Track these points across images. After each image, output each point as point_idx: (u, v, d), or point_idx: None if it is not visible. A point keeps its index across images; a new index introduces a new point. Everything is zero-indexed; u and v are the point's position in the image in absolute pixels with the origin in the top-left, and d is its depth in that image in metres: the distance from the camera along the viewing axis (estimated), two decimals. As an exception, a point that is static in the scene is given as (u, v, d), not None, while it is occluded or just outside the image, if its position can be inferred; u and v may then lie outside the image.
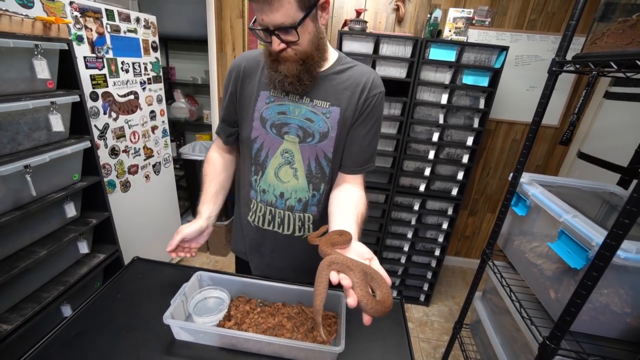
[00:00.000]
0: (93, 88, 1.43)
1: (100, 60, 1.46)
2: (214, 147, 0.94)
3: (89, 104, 1.42)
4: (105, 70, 1.49)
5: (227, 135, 0.89)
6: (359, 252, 0.56)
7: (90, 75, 1.41)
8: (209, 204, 0.86)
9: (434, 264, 2.12)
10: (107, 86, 1.51)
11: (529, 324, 0.85)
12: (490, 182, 2.48)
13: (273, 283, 0.90)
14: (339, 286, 0.48)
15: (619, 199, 1.07)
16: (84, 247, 1.33)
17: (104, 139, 1.54)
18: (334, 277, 0.48)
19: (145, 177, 1.90)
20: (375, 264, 0.52)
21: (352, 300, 0.45)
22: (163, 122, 2.02)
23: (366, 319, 0.46)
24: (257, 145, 0.82)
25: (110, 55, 1.50)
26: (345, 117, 0.77)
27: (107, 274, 1.49)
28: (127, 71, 1.63)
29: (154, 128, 1.91)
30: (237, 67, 0.82)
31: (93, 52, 1.42)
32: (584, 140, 2.13)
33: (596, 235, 0.70)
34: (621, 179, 1.24)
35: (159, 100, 1.94)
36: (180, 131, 3.04)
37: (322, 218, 0.88)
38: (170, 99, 2.77)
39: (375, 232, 2.07)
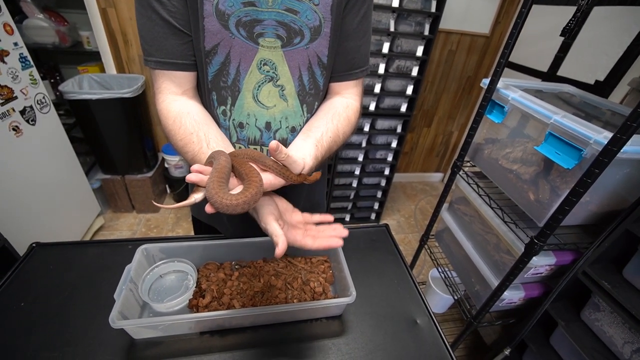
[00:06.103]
0: None
1: None
2: (164, 97, 0.57)
3: None
4: None
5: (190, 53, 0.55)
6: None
7: None
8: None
9: (383, 183, 2.17)
10: None
11: (514, 228, 0.89)
12: (428, 97, 2.50)
13: (246, 239, 0.72)
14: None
15: (569, 96, 1.11)
16: None
17: None
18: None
19: (14, 129, 1.35)
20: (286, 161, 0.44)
21: (193, 176, 0.40)
22: (16, 45, 1.38)
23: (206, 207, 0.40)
24: (220, 59, 0.55)
25: None
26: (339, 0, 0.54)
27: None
28: None
29: (2, 53, 1.30)
30: None
31: None
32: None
33: (593, 133, 0.67)
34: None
35: (-3, 10, 1.28)
36: (51, 63, 2.22)
37: None
38: (18, 13, 1.92)
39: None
